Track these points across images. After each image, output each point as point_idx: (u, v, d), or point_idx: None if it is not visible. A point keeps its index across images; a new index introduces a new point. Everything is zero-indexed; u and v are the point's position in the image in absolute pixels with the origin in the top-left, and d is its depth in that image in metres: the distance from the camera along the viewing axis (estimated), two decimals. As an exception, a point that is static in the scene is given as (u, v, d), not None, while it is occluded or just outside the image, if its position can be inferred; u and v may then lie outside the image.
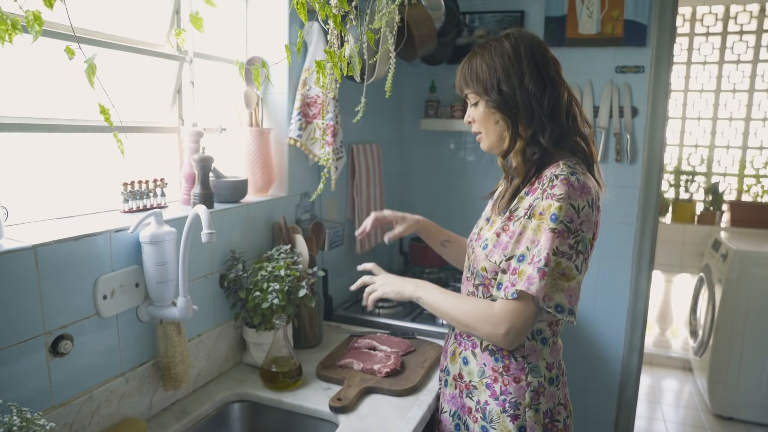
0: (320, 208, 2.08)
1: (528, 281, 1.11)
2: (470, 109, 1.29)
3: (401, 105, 2.84)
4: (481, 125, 1.27)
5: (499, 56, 1.21)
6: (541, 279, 1.09)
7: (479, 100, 1.25)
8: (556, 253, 1.10)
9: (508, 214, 1.23)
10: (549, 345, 1.25)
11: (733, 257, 3.32)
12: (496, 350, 1.25)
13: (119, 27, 1.40)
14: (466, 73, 1.26)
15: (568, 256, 1.10)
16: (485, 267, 1.23)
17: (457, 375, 1.34)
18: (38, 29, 0.93)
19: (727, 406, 3.41)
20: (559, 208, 1.11)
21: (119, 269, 1.20)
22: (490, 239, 1.24)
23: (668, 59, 2.42)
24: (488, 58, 1.22)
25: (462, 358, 1.32)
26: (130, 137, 1.29)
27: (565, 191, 1.12)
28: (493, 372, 1.25)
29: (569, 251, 1.11)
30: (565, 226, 1.10)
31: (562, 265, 1.10)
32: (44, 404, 1.06)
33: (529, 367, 1.23)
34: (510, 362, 1.23)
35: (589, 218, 1.13)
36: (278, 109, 1.85)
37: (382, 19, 1.42)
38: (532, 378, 1.22)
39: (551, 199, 1.13)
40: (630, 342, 2.60)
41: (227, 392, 1.46)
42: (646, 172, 2.50)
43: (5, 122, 1.16)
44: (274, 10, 1.79)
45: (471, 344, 1.30)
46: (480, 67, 1.23)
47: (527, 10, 2.56)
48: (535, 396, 1.22)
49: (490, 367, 1.25)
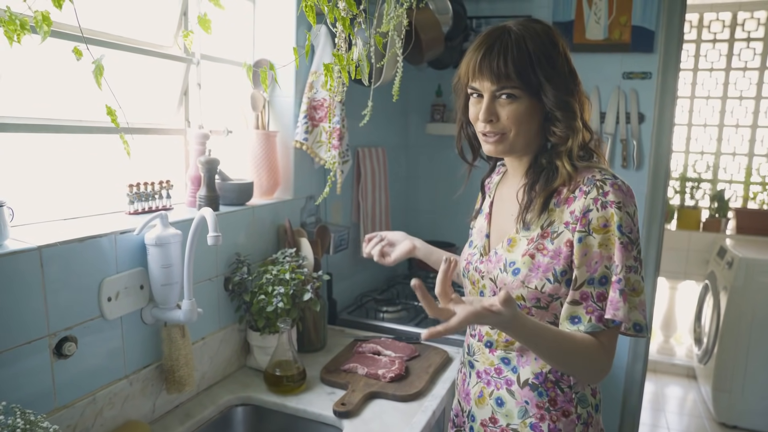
0: (325, 211, 2.08)
1: (614, 307, 0.99)
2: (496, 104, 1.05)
3: (407, 109, 2.84)
4: (516, 125, 1.05)
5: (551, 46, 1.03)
6: (625, 302, 0.98)
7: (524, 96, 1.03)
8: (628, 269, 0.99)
9: (540, 231, 1.06)
10: None
11: (738, 265, 3.31)
12: (539, 384, 1.08)
13: (127, 28, 1.40)
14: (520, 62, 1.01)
15: (635, 269, 1.00)
16: (522, 295, 1.06)
17: (488, 420, 1.14)
18: (47, 30, 0.93)
19: (732, 415, 3.38)
20: (621, 217, 0.99)
21: (124, 271, 1.20)
22: (522, 262, 1.06)
23: (675, 66, 2.41)
24: (541, 45, 1.02)
25: (495, 399, 1.13)
26: (136, 139, 1.29)
27: (622, 198, 1.00)
28: (538, 409, 1.08)
29: (635, 264, 1.00)
30: (628, 238, 0.99)
31: (632, 279, 0.99)
32: (48, 406, 1.05)
33: (577, 398, 1.09)
34: (557, 395, 1.08)
35: (637, 223, 1.03)
36: (285, 112, 1.85)
37: (390, 22, 1.42)
38: (582, 409, 1.09)
39: (611, 208, 1.00)
40: (634, 349, 2.58)
41: (231, 396, 1.45)
42: (652, 179, 2.49)
43: (12, 122, 1.16)
44: (281, 13, 1.79)
45: (505, 382, 1.12)
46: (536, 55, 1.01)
47: (534, 15, 2.56)
48: (585, 429, 1.09)
49: (534, 404, 1.08)
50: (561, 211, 1.05)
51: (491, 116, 1.06)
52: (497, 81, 1.03)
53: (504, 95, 1.04)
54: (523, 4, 2.58)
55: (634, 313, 0.99)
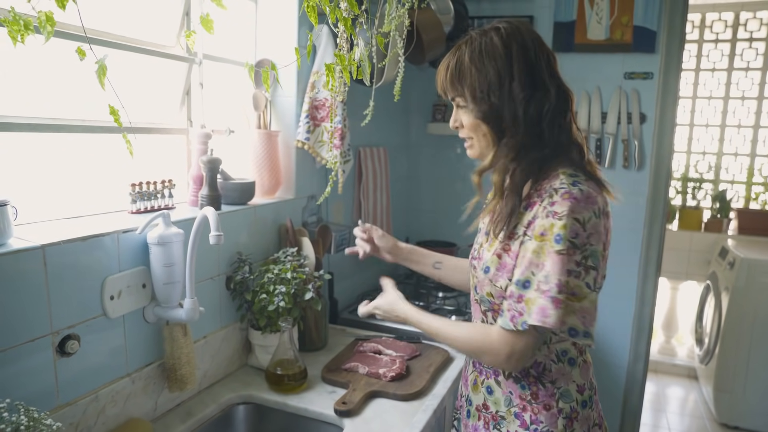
0: (327, 211, 2.08)
1: (542, 314, 0.99)
2: (458, 113, 1.16)
3: (409, 109, 2.84)
4: (473, 131, 1.14)
5: (489, 55, 1.08)
6: (557, 308, 0.98)
7: (469, 104, 1.11)
8: (570, 274, 0.99)
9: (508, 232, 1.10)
10: (578, 365, 1.14)
11: (740, 265, 3.30)
12: (522, 377, 1.13)
13: (130, 28, 1.41)
14: (454, 74, 1.11)
15: (576, 273, 0.99)
16: (491, 293, 1.12)
17: (481, 405, 1.21)
18: (50, 30, 0.93)
19: (733, 415, 3.38)
20: (563, 227, 0.99)
21: (126, 270, 1.20)
22: (491, 261, 1.12)
23: (677, 66, 2.41)
24: (477, 60, 1.08)
25: (485, 387, 1.20)
26: (138, 138, 1.29)
27: (568, 207, 1.00)
28: (521, 400, 1.13)
29: (577, 269, 0.99)
30: (570, 243, 0.99)
31: (571, 284, 0.99)
32: (51, 404, 1.06)
33: (559, 393, 1.12)
34: (538, 389, 1.12)
35: (597, 229, 1.01)
36: (286, 112, 1.85)
37: (391, 22, 1.43)
38: (564, 404, 1.12)
39: (553, 218, 1.01)
40: (635, 349, 2.58)
41: (232, 394, 1.46)
42: (653, 179, 2.49)
43: (16, 122, 1.16)
44: (283, 13, 1.80)
45: (493, 372, 1.19)
46: (469, 69, 1.09)
47: (536, 15, 2.56)
48: (569, 423, 1.11)
49: (517, 395, 1.14)
50: (523, 215, 1.09)
51: (455, 123, 1.18)
52: (444, 94, 1.17)
53: (458, 104, 1.16)
54: (524, 5, 2.58)
55: (570, 317, 0.99)
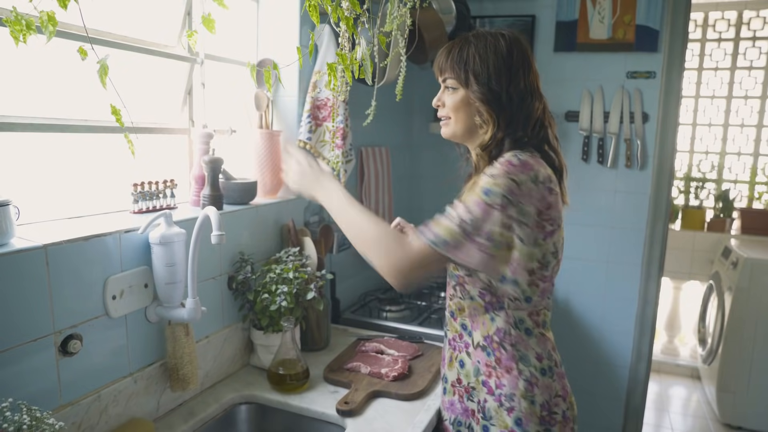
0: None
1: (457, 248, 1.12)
2: (444, 94, 1.29)
3: (411, 109, 2.84)
4: (454, 112, 1.27)
5: (493, 53, 1.21)
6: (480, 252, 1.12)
7: (460, 88, 1.24)
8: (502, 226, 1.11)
9: None
10: (535, 336, 1.24)
11: (743, 265, 3.30)
12: (487, 345, 1.24)
13: (131, 28, 1.41)
14: (455, 58, 1.24)
15: (507, 226, 1.12)
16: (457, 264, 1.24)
17: (455, 380, 1.31)
18: (52, 30, 0.93)
19: (736, 416, 3.37)
20: (494, 183, 1.12)
21: (129, 270, 1.20)
22: None
23: (680, 65, 2.40)
24: (482, 51, 1.21)
25: (458, 361, 1.30)
26: (140, 138, 1.29)
27: (503, 170, 1.13)
28: (487, 367, 1.24)
29: (508, 221, 1.12)
30: (506, 199, 1.11)
31: (505, 236, 1.12)
32: (53, 403, 1.06)
33: (518, 356, 1.22)
34: (501, 353, 1.22)
35: (531, 193, 1.13)
36: (288, 112, 1.85)
37: (393, 22, 1.42)
38: (524, 366, 1.21)
39: (486, 176, 1.14)
40: (638, 349, 2.58)
41: (234, 394, 1.46)
42: (656, 179, 2.49)
43: (17, 122, 1.17)
44: (285, 13, 1.80)
45: (464, 345, 1.29)
46: (473, 57, 1.22)
47: (538, 14, 2.56)
48: (529, 387, 1.21)
49: (484, 363, 1.25)
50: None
51: (438, 102, 1.31)
52: (439, 73, 1.29)
53: (446, 87, 1.28)
54: (526, 4, 2.57)
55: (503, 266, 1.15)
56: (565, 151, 2.60)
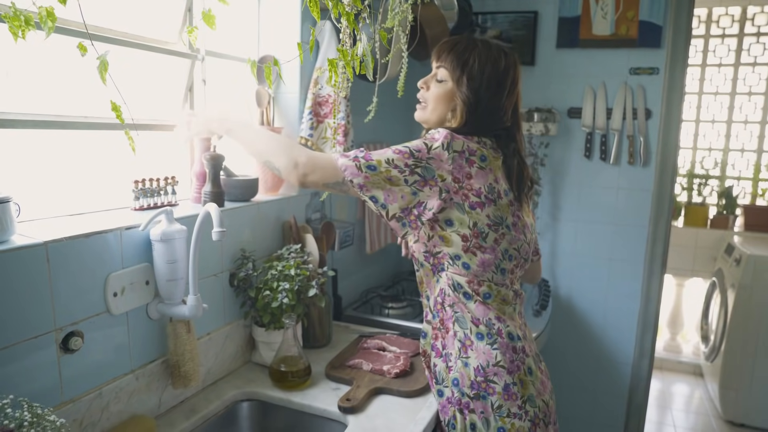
0: (330, 207, 2.08)
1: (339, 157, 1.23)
2: (431, 80, 1.35)
3: (412, 105, 2.82)
4: (434, 101, 1.34)
5: (492, 64, 1.29)
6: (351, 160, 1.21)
7: (449, 81, 1.31)
8: (388, 162, 1.20)
9: None
10: (474, 301, 1.28)
11: (746, 262, 3.29)
12: (433, 308, 1.33)
13: (132, 24, 1.40)
14: (458, 56, 1.30)
15: (400, 169, 1.20)
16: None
17: (422, 353, 1.40)
18: (51, 25, 0.93)
19: (739, 413, 3.37)
20: (408, 142, 1.23)
21: (130, 267, 1.20)
22: None
23: (683, 61, 2.39)
24: (484, 59, 1.29)
25: (422, 333, 1.40)
26: (141, 135, 1.29)
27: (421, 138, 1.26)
28: (434, 330, 1.34)
29: (403, 167, 1.20)
30: (410, 151, 1.21)
31: (391, 173, 1.20)
32: (54, 400, 1.06)
33: (455, 317, 1.29)
34: (444, 314, 1.31)
35: (441, 158, 1.21)
36: (289, 108, 1.85)
37: (395, 18, 1.42)
38: (458, 328, 1.29)
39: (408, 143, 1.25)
40: (641, 346, 2.58)
41: (236, 391, 1.45)
42: (659, 175, 2.48)
43: (18, 119, 1.16)
44: (286, 9, 1.79)
45: (425, 315, 1.39)
46: (474, 60, 1.29)
47: (540, 10, 2.55)
48: (462, 348, 1.27)
49: (433, 326, 1.34)
50: None
51: (423, 84, 1.37)
52: (436, 59, 1.35)
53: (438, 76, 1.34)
54: (529, 0, 2.56)
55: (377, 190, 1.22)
56: (567, 147, 2.60)
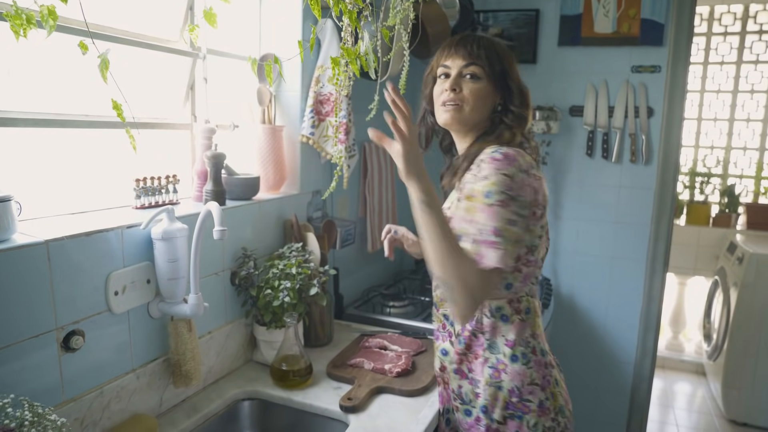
0: (332, 206, 2.08)
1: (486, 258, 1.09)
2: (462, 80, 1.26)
3: (414, 103, 2.81)
4: (475, 99, 1.25)
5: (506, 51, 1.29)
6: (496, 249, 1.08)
7: (484, 79, 1.25)
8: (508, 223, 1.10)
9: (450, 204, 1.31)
10: (512, 322, 1.23)
11: (749, 260, 3.28)
12: (461, 332, 1.27)
13: (133, 23, 1.40)
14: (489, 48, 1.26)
15: (513, 222, 1.11)
16: None
17: (439, 370, 1.35)
18: (52, 24, 0.93)
19: (742, 412, 3.36)
20: (492, 183, 1.12)
21: (131, 265, 1.20)
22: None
23: (685, 59, 2.38)
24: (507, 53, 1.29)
25: (441, 350, 1.33)
26: (142, 133, 1.29)
27: (492, 167, 1.14)
28: (462, 356, 1.28)
29: (514, 218, 1.12)
30: (506, 195, 1.11)
31: (512, 230, 1.11)
32: (55, 399, 1.06)
33: (487, 344, 1.24)
34: (472, 342, 1.26)
35: (524, 183, 1.14)
36: (291, 107, 1.85)
37: (396, 16, 1.41)
38: (491, 354, 1.24)
39: (483, 181, 1.14)
40: (643, 345, 2.57)
41: (237, 390, 1.45)
42: (661, 174, 2.47)
43: (18, 117, 1.16)
44: (287, 7, 1.78)
45: (447, 335, 1.32)
46: (506, 58, 1.27)
47: (542, 8, 2.54)
48: (495, 373, 1.23)
49: (462, 351, 1.28)
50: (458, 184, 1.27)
51: (455, 86, 1.26)
52: (468, 58, 1.25)
53: (469, 75, 1.25)
54: (530, -2, 2.56)
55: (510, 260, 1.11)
56: (569, 146, 2.59)
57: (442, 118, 1.30)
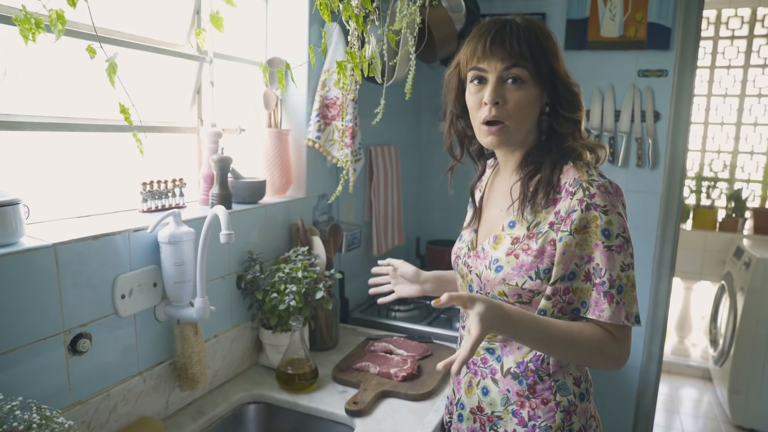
0: (338, 210, 2.08)
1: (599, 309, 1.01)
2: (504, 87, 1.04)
3: (420, 107, 2.83)
4: (520, 110, 1.04)
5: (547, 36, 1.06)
6: (610, 304, 0.99)
7: (530, 82, 1.03)
8: (623, 269, 1.00)
9: (527, 231, 1.07)
10: None
11: (756, 265, 3.26)
12: (520, 373, 1.10)
13: (140, 27, 1.41)
14: (540, 43, 1.03)
15: (631, 266, 1.01)
16: (504, 291, 1.09)
17: (475, 408, 1.16)
18: (61, 28, 0.93)
19: (749, 418, 3.34)
20: (609, 222, 0.99)
21: (137, 269, 1.20)
22: (505, 261, 1.08)
23: (692, 63, 2.37)
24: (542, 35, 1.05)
25: (481, 388, 1.15)
26: (149, 137, 1.29)
27: (608, 201, 1.00)
28: (519, 397, 1.10)
29: (632, 260, 1.01)
30: (623, 239, 1.00)
31: (631, 278, 1.01)
32: (63, 402, 1.06)
33: (556, 386, 1.09)
34: (536, 382, 1.10)
35: (626, 219, 1.03)
36: (297, 111, 1.85)
37: (403, 20, 1.42)
38: (561, 397, 1.09)
39: (596, 211, 0.99)
40: (649, 350, 2.55)
41: (243, 393, 1.45)
42: (667, 178, 2.46)
43: (27, 121, 1.17)
44: (293, 11, 1.79)
45: (490, 371, 1.14)
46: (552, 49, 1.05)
47: (548, 12, 2.53)
48: (567, 416, 1.10)
49: (515, 392, 1.11)
50: (547, 212, 1.06)
51: (498, 98, 1.03)
52: (509, 58, 1.02)
53: (511, 78, 1.03)
54: (536, 2, 2.55)
55: (634, 306, 1.02)
56: (575, 150, 2.58)
57: (485, 141, 1.09)
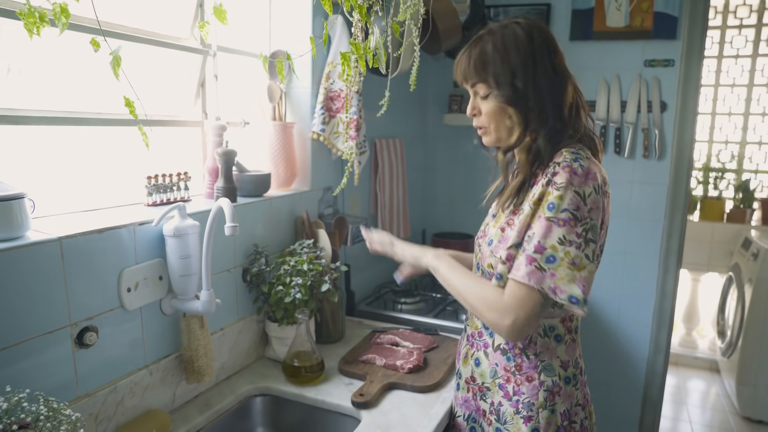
0: (343, 202, 2.07)
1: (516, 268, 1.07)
2: (477, 101, 1.19)
3: (425, 99, 2.82)
4: (490, 119, 1.17)
5: (513, 46, 1.12)
6: (527, 265, 1.05)
7: (490, 93, 1.15)
8: (562, 242, 1.04)
9: (513, 208, 1.18)
10: (564, 342, 1.19)
11: (764, 256, 3.24)
12: (509, 349, 1.19)
13: (144, 20, 1.40)
14: (476, 62, 1.15)
15: (577, 245, 1.04)
16: (491, 263, 1.18)
17: (469, 378, 1.28)
18: (65, 22, 0.93)
19: (757, 409, 3.33)
20: (559, 197, 1.05)
21: (143, 262, 1.21)
22: (495, 235, 1.19)
23: (699, 53, 2.35)
24: (501, 48, 1.13)
25: (474, 359, 1.26)
26: (154, 130, 1.29)
27: (567, 179, 1.05)
28: (506, 372, 1.19)
29: (577, 239, 1.04)
30: (571, 215, 1.04)
31: (571, 254, 1.04)
32: (70, 395, 1.07)
33: (542, 366, 1.17)
34: (522, 361, 1.18)
35: (597, 205, 1.07)
36: (301, 103, 1.85)
37: (407, 11, 1.41)
38: (546, 377, 1.16)
39: (551, 187, 1.07)
40: (656, 341, 2.55)
41: (250, 386, 1.46)
42: (674, 169, 2.44)
43: (31, 115, 1.17)
44: (297, 3, 1.78)
45: (483, 344, 1.24)
46: (493, 57, 1.13)
47: (553, 2, 2.52)
48: (550, 396, 1.16)
49: (502, 366, 1.20)
50: (529, 192, 1.15)
51: (474, 111, 1.21)
52: (468, 78, 1.18)
53: (476, 93, 1.19)
54: (542, -8, 2.53)
55: (572, 286, 1.03)
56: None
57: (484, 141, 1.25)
